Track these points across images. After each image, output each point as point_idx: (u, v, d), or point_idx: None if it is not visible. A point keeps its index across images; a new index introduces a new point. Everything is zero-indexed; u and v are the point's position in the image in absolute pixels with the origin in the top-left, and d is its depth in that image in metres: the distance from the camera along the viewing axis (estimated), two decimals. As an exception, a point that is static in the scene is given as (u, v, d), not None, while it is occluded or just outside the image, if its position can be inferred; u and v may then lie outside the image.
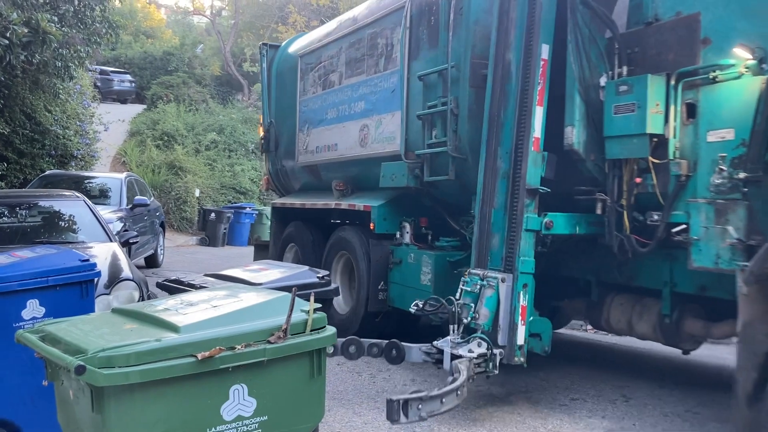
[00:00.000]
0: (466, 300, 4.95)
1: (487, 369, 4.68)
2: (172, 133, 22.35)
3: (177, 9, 42.39)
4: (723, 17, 4.27)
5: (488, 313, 4.81)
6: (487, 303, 4.84)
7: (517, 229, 4.82)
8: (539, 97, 4.91)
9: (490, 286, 4.87)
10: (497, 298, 4.81)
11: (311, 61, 8.66)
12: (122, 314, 3.06)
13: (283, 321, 2.84)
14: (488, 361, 4.67)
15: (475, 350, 4.66)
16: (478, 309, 4.84)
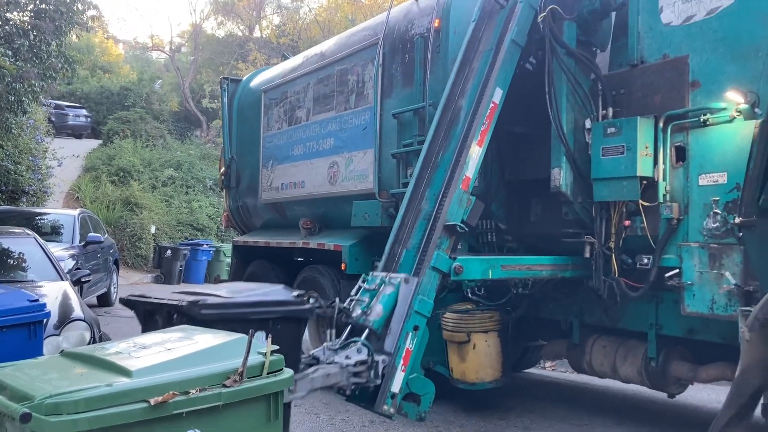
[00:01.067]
0: (363, 297, 4.48)
1: (368, 379, 4.11)
2: (128, 168, 21.81)
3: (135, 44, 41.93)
4: (712, 60, 4.24)
5: (382, 311, 4.37)
6: (383, 300, 4.41)
7: (424, 266, 4.51)
8: (480, 137, 4.82)
9: (390, 284, 4.48)
10: (395, 299, 4.41)
11: (276, 96, 8.47)
12: (72, 358, 2.95)
13: (240, 363, 2.75)
14: (370, 368, 4.13)
15: (354, 357, 4.08)
16: (372, 305, 4.39)
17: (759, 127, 3.93)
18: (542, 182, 5.07)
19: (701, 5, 4.32)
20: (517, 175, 5.69)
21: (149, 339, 3.06)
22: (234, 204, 9.25)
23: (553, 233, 5.21)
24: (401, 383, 4.23)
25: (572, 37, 5.04)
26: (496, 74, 4.98)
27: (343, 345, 4.16)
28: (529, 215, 5.63)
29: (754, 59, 4.02)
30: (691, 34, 4.37)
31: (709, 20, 4.27)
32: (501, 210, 5.72)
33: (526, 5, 5.07)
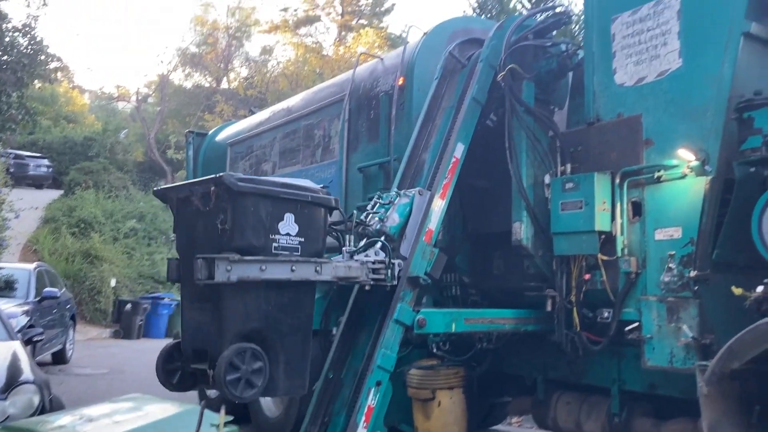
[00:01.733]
0: (379, 210, 4.82)
1: (385, 277, 4.42)
2: (90, 220, 21.46)
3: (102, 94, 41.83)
4: (663, 120, 4.39)
5: (398, 219, 4.72)
6: (398, 209, 4.77)
7: (387, 319, 4.52)
8: (443, 191, 4.90)
9: (405, 196, 4.85)
10: (410, 208, 4.79)
11: (242, 150, 8.50)
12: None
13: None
14: (387, 268, 4.43)
15: (372, 256, 4.42)
16: (389, 214, 4.74)
17: (709, 183, 4.05)
18: (504, 235, 5.13)
19: (651, 67, 4.50)
20: (480, 228, 5.75)
21: (97, 410, 2.97)
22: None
23: (515, 286, 5.25)
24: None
25: (531, 95, 5.20)
26: (458, 130, 5.09)
27: (364, 247, 4.49)
28: (493, 268, 5.67)
29: (703, 119, 4.18)
30: (644, 94, 4.53)
31: (660, 81, 4.44)
32: (465, 263, 5.76)
33: (486, 65, 5.23)
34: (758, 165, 3.96)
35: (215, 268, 3.43)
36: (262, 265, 3.59)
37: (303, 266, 3.78)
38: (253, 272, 3.56)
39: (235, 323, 3.58)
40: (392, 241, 4.62)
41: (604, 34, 4.82)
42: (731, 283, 3.83)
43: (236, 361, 3.44)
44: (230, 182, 3.54)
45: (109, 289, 18.58)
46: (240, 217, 3.59)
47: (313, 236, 3.88)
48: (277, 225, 3.71)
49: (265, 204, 3.66)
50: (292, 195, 3.82)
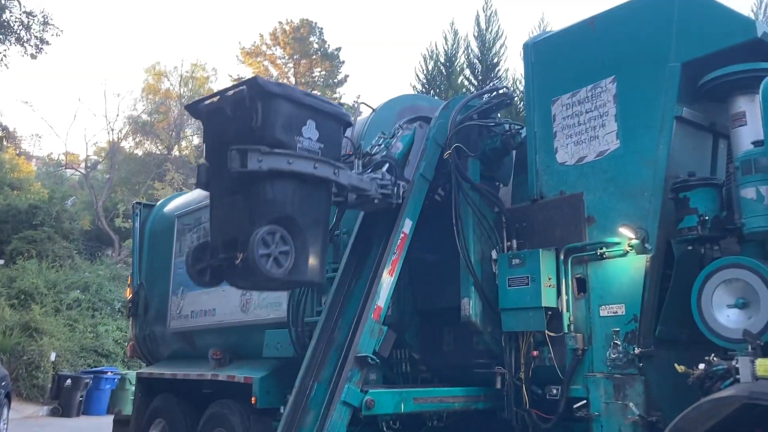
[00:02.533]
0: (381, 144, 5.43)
1: (392, 193, 4.95)
2: (30, 291, 20.64)
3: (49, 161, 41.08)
4: (604, 198, 4.53)
5: (401, 146, 5.32)
6: (402, 139, 5.38)
7: (334, 401, 4.44)
8: (392, 266, 4.92)
9: (408, 129, 5.44)
10: (412, 138, 5.39)
11: (189, 222, 8.38)
12: None
13: None
14: (394, 186, 4.97)
15: (380, 173, 4.96)
16: (394, 143, 5.33)
17: (650, 261, 4.16)
18: (454, 311, 5.12)
19: (591, 148, 4.66)
20: (430, 304, 5.73)
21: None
22: (141, 333, 8.84)
23: (465, 363, 5.21)
24: None
25: (476, 172, 5.31)
26: (406, 206, 5.13)
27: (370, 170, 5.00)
28: (442, 344, 5.63)
29: (641, 198, 4.32)
30: (584, 173, 4.67)
31: (599, 161, 4.60)
32: (415, 339, 5.71)
33: (432, 143, 5.34)
34: (695, 244, 4.09)
35: (248, 158, 4.00)
36: (289, 159, 4.20)
37: (324, 166, 4.42)
38: (281, 164, 4.15)
39: (264, 208, 4.19)
40: (397, 165, 5.14)
41: (545, 114, 4.99)
42: (675, 359, 3.89)
43: (267, 239, 4.03)
44: (262, 82, 4.19)
45: (48, 363, 17.75)
46: (269, 116, 4.17)
47: (331, 145, 4.57)
48: (300, 128, 4.38)
49: (291, 107, 4.31)
50: (314, 102, 4.54)
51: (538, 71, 5.14)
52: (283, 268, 4.12)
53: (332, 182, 4.56)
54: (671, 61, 4.32)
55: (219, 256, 4.41)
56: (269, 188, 4.20)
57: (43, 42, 15.40)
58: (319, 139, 4.47)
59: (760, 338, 3.56)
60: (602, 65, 4.69)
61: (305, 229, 4.34)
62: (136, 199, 10.20)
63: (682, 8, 4.34)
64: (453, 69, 20.43)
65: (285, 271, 4.13)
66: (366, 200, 4.96)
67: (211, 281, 4.61)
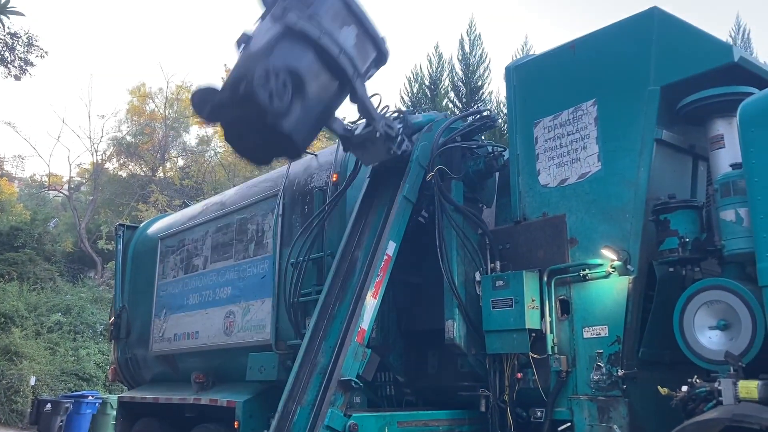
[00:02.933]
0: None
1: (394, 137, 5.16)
2: (11, 314, 20.33)
3: (32, 182, 40.70)
4: (586, 220, 4.55)
5: (421, 118, 5.72)
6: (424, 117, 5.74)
7: (317, 426, 4.40)
8: (375, 289, 4.91)
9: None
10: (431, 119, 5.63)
11: (173, 243, 8.33)
12: None
13: None
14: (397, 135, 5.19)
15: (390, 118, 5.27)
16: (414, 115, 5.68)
17: (632, 282, 4.18)
18: (438, 333, 5.10)
19: (573, 170, 4.70)
20: (414, 326, 5.71)
21: None
22: (123, 356, 8.72)
23: (450, 385, 5.19)
24: None
25: (460, 194, 5.33)
26: (390, 228, 5.14)
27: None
28: (427, 367, 5.60)
29: (623, 220, 4.35)
30: (566, 195, 4.71)
31: (581, 183, 4.63)
32: (399, 362, 5.68)
33: (416, 164, 5.35)
34: (676, 265, 4.12)
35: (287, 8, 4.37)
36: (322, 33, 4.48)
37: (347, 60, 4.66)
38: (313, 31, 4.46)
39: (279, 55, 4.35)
40: (408, 125, 5.41)
41: (527, 137, 5.03)
42: (659, 381, 3.89)
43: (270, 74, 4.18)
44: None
45: (28, 388, 17.45)
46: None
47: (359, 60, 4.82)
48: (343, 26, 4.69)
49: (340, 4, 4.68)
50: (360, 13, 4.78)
51: (520, 94, 5.19)
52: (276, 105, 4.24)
53: (348, 80, 4.71)
54: (650, 85, 4.38)
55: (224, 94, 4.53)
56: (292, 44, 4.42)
57: (27, 63, 15.30)
58: (353, 47, 4.68)
59: (741, 360, 3.56)
60: (583, 88, 4.74)
61: (307, 97, 4.49)
62: (119, 221, 10.12)
63: (660, 33, 4.40)
64: (438, 91, 20.62)
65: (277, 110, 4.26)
66: (369, 137, 5.13)
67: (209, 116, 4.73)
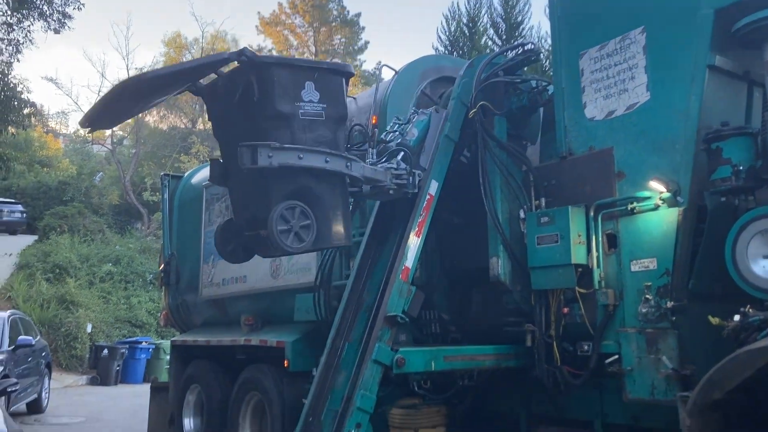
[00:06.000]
0: (396, 130, 5.23)
1: (408, 183, 4.83)
2: (65, 265, 21.13)
3: (76, 138, 41.56)
4: (634, 152, 4.44)
5: (416, 132, 5.09)
6: (417, 125, 5.15)
7: (365, 360, 4.49)
8: (418, 228, 4.91)
9: (423, 114, 5.22)
10: (428, 123, 5.15)
11: (218, 191, 8.42)
12: None
13: None
14: (409, 175, 4.83)
15: (395, 163, 4.82)
16: (409, 129, 5.12)
17: (682, 214, 4.09)
18: (482, 271, 5.11)
19: (620, 101, 4.57)
20: (458, 265, 5.73)
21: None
22: (173, 302, 8.99)
23: (495, 322, 5.22)
24: None
25: (503, 131, 5.24)
26: (432, 167, 5.10)
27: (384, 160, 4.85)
28: (472, 305, 5.64)
29: (672, 151, 4.23)
30: (614, 128, 4.59)
31: (629, 115, 4.51)
32: (443, 300, 5.73)
33: (457, 102, 5.27)
34: (729, 195, 4.01)
35: (258, 155, 3.93)
36: (300, 153, 4.11)
37: (336, 159, 4.32)
38: (292, 159, 4.08)
39: (280, 184, 4.15)
40: (412, 152, 4.99)
41: (572, 69, 4.89)
42: (709, 312, 3.84)
43: (286, 215, 4.02)
44: (251, 54, 4.07)
45: (85, 335, 18.23)
46: (266, 86, 4.05)
47: (334, 102, 4.38)
48: (300, 92, 4.21)
49: (286, 73, 4.17)
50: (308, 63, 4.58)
51: (564, 25, 5.02)
52: (305, 242, 4.12)
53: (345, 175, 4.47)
54: (703, 8, 4.18)
55: (245, 234, 4.47)
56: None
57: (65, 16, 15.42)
58: (321, 99, 4.31)
59: (796, 288, 3.50)
60: (631, 16, 4.56)
61: (323, 196, 4.32)
62: (162, 173, 10.27)
63: (714, -47, 4.19)
64: (476, 29, 20.15)
65: (308, 244, 4.14)
66: (380, 191, 4.86)
67: (244, 257, 4.73)
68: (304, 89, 4.24)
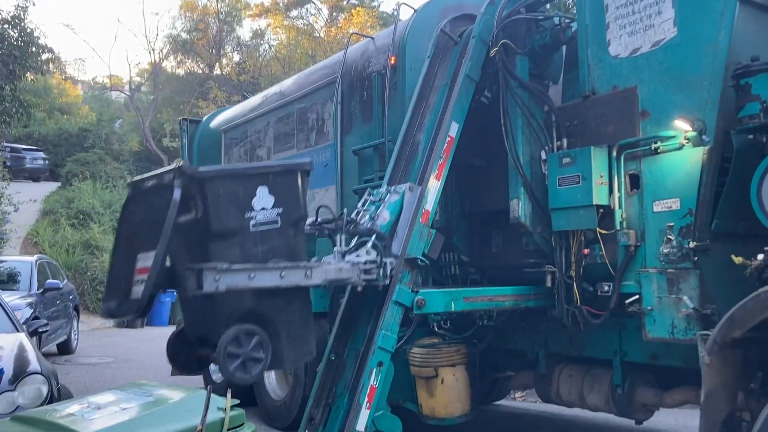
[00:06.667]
0: (369, 208, 4.75)
1: (378, 276, 4.37)
2: (88, 211, 21.45)
3: (94, 84, 41.59)
4: (659, 90, 4.35)
5: (388, 216, 4.68)
6: (389, 206, 4.73)
7: (386, 301, 4.54)
8: (438, 171, 4.88)
9: (396, 193, 4.80)
10: (401, 205, 4.73)
11: (236, 135, 8.44)
12: (23, 422, 2.84)
13: (198, 422, 2.70)
14: (379, 267, 4.38)
15: (364, 257, 4.33)
16: (380, 212, 4.68)
17: (707, 153, 4.02)
18: (502, 213, 5.11)
19: (646, 38, 4.45)
20: (478, 207, 5.72)
21: (104, 398, 2.99)
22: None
23: (514, 264, 5.24)
24: (366, 421, 4.20)
25: (525, 70, 5.14)
26: (452, 109, 5.05)
27: (356, 246, 4.42)
28: (491, 246, 5.66)
29: (699, 88, 4.13)
30: (638, 65, 4.48)
31: (655, 52, 4.39)
32: (463, 242, 5.75)
33: (478, 40, 5.17)
34: (757, 132, 3.93)
35: (204, 278, 3.37)
36: (250, 273, 3.49)
37: (293, 272, 3.69)
38: (241, 281, 3.47)
39: (228, 307, 3.54)
40: (383, 239, 4.56)
41: (596, 5, 4.75)
42: (731, 252, 3.82)
43: (232, 349, 3.38)
44: (190, 170, 3.40)
45: (110, 279, 18.59)
46: (210, 203, 3.45)
47: (291, 204, 3.73)
48: (251, 201, 3.60)
49: (233, 183, 3.56)
50: (258, 169, 3.86)
51: (589, -42, 4.86)
52: (260, 365, 3.51)
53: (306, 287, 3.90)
54: (734, -62, 4.02)
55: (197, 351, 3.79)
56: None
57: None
58: (276, 203, 3.68)
59: (822, 227, 3.45)
60: (659, -52, 4.39)
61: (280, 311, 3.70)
62: (180, 119, 10.28)
63: None
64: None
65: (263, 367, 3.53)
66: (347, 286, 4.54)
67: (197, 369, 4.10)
68: (256, 196, 3.66)
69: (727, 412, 3.47)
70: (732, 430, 3.47)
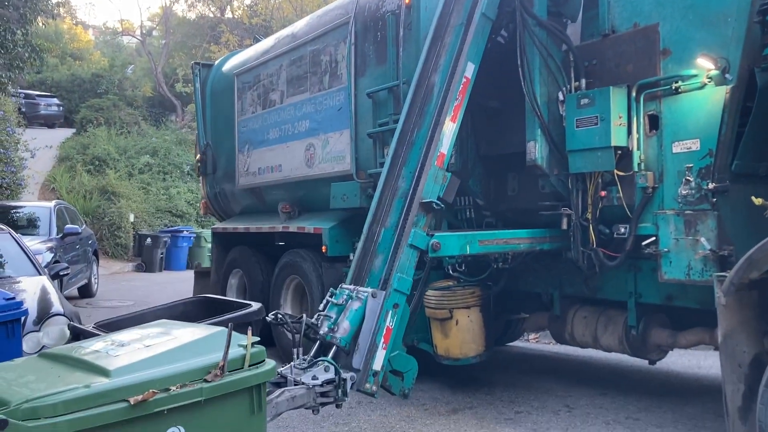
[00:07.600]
0: (330, 313, 4.34)
1: (336, 397, 3.99)
2: (104, 157, 21.57)
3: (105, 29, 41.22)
4: (681, 28, 4.22)
5: (349, 327, 4.26)
6: (350, 316, 4.29)
7: (402, 245, 4.52)
8: (454, 113, 4.79)
9: (358, 299, 4.35)
10: (362, 314, 4.29)
11: (249, 79, 8.36)
12: (49, 359, 2.89)
13: (220, 357, 2.74)
14: (337, 387, 4.01)
15: (321, 376, 3.95)
16: (340, 322, 4.27)
17: (730, 92, 3.93)
18: (518, 156, 5.06)
19: (669, -28, 4.30)
20: (493, 150, 5.68)
21: (128, 336, 3.04)
22: (212, 191, 9.17)
23: (530, 207, 5.22)
24: (383, 361, 4.25)
25: (543, 8, 5.01)
26: (468, 49, 4.94)
27: (311, 363, 4.01)
28: (506, 190, 5.63)
29: (723, 25, 4.01)
30: (661, 2, 4.34)
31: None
32: (478, 186, 5.72)
33: None
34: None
35: None
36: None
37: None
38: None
39: None
40: (344, 351, 4.21)
41: (618, -61, 4.59)
42: (751, 193, 3.77)
43: None
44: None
45: (128, 224, 18.86)
46: None
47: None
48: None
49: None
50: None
51: None
52: None
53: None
54: None
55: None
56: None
57: None
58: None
59: None
60: None
61: None
62: (192, 63, 10.17)
63: None
64: None
65: None
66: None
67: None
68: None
69: (752, 355, 3.45)
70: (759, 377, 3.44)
